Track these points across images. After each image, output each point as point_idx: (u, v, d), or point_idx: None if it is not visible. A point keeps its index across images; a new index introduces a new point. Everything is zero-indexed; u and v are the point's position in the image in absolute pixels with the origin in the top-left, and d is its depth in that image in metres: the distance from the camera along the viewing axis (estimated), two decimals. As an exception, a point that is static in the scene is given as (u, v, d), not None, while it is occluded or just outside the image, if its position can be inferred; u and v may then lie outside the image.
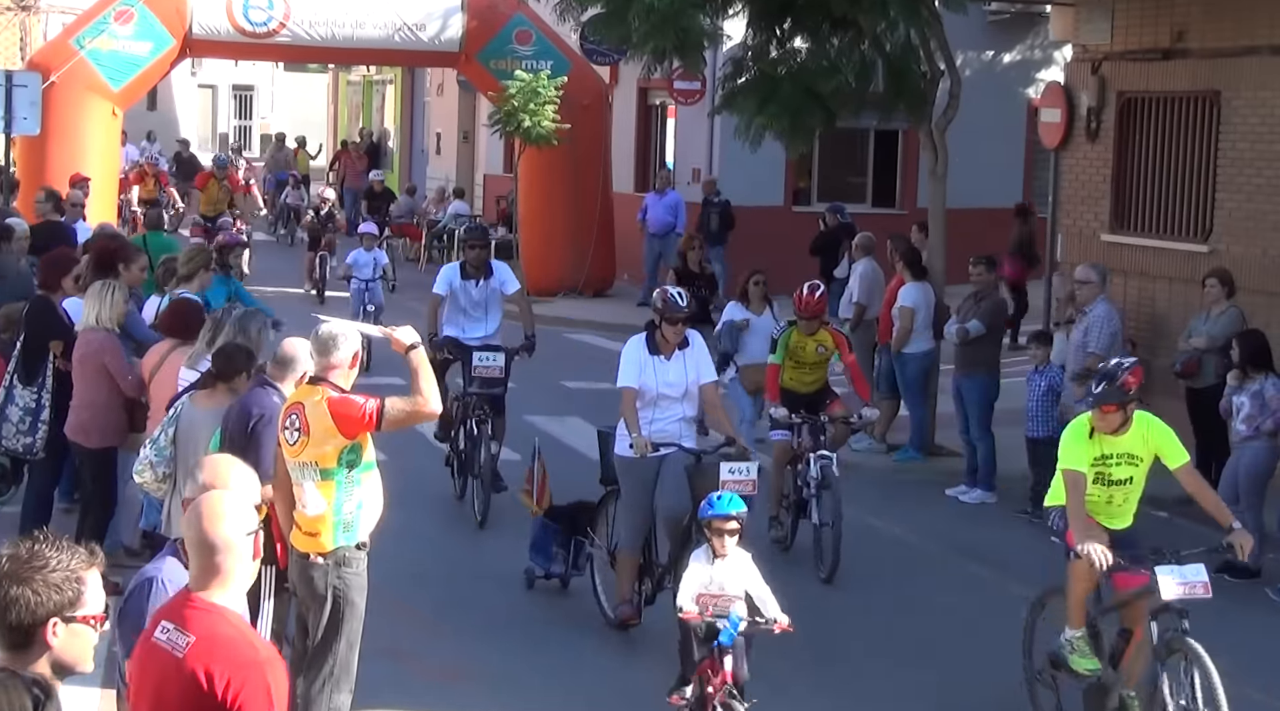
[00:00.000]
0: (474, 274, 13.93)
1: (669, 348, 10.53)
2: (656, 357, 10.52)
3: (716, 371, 11.26)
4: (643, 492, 10.40)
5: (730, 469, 9.98)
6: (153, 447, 9.10)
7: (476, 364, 13.42)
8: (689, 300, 10.63)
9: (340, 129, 48.84)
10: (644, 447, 10.10)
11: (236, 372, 8.90)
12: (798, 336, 13.01)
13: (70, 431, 11.16)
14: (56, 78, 24.80)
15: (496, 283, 14.01)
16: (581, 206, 26.72)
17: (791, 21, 16.99)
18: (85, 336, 11.04)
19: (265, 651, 4.77)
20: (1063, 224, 17.98)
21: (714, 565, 8.40)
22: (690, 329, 10.73)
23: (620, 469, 10.54)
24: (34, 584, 4.13)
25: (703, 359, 10.66)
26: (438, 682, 9.80)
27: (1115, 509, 8.86)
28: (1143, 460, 8.76)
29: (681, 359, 10.53)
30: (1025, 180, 27.45)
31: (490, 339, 13.88)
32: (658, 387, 10.47)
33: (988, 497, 14.79)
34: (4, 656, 4.18)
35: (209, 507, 4.86)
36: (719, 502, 8.48)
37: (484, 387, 13.47)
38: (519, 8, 27.34)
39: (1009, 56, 27.03)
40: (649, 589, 10.59)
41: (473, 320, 13.92)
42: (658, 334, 10.57)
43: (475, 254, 14.06)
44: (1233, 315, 14.05)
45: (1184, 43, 16.28)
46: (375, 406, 7.85)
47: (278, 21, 26.23)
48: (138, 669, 4.87)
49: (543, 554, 11.53)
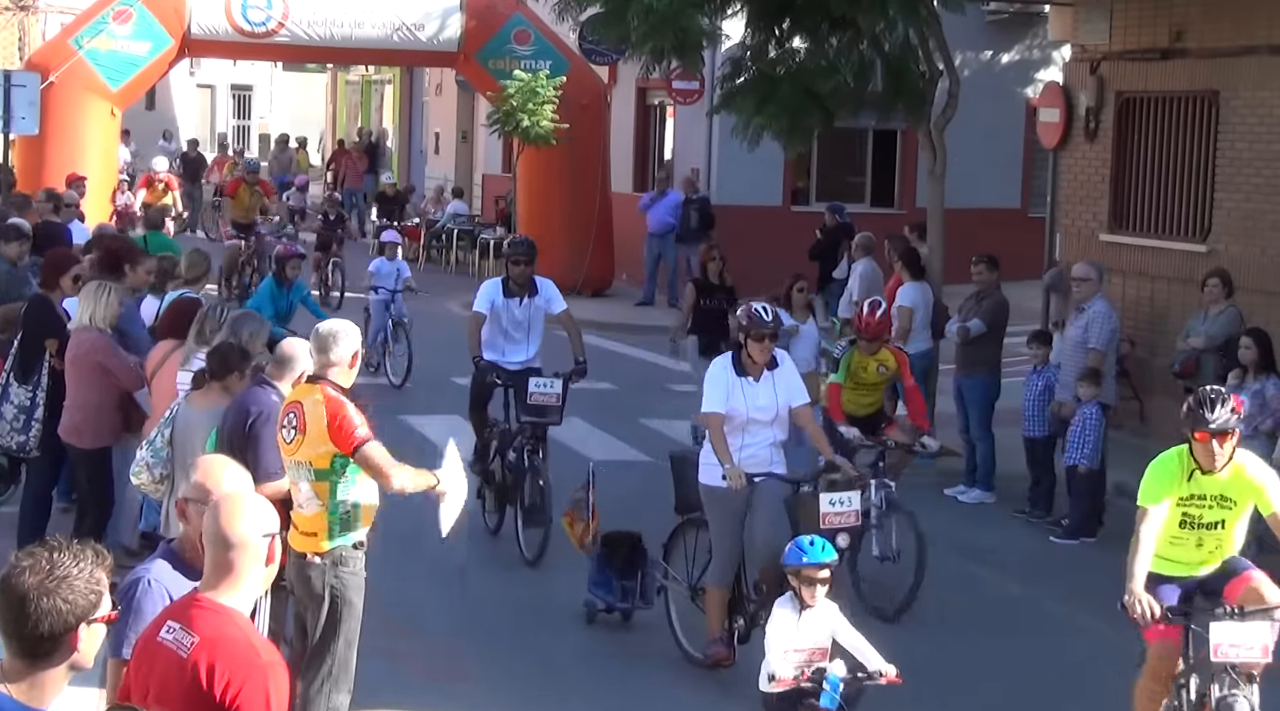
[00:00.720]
0: (517, 291, 12.84)
1: (757, 368, 9.79)
2: (744, 380, 9.77)
3: None
4: (734, 523, 9.69)
5: (831, 500, 9.43)
6: (149, 449, 9.09)
7: (533, 390, 12.26)
8: (774, 315, 9.89)
9: (339, 129, 48.84)
10: (738, 480, 9.39)
11: (229, 371, 8.88)
12: (858, 357, 12.40)
13: (64, 432, 11.13)
14: (55, 78, 24.81)
15: (542, 301, 12.94)
16: (580, 206, 26.73)
17: (790, 21, 16.99)
18: (78, 336, 11.01)
19: (268, 655, 4.78)
20: (1061, 224, 17.98)
21: (801, 616, 7.81)
22: (776, 348, 9.89)
23: (708, 499, 9.79)
24: (61, 593, 4.18)
25: (793, 379, 9.93)
26: (437, 683, 9.80)
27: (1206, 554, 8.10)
28: (1236, 504, 7.97)
29: (771, 380, 9.81)
30: (1024, 180, 27.47)
31: (531, 363, 12.87)
32: (748, 412, 9.74)
33: (986, 497, 14.79)
34: (22, 665, 4.20)
35: (229, 505, 4.89)
36: (811, 549, 7.80)
37: (539, 416, 12.36)
38: (518, 7, 27.35)
39: (1008, 56, 27.02)
40: (741, 626, 9.79)
41: (514, 342, 12.91)
42: (744, 354, 9.80)
43: (520, 270, 12.87)
44: (1231, 315, 14.05)
45: (1183, 43, 16.28)
46: (363, 439, 7.78)
47: (276, 21, 26.24)
48: (142, 668, 4.88)
49: (603, 586, 10.71)
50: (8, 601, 4.19)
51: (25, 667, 4.21)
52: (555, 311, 13.02)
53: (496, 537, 12.77)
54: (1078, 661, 10.41)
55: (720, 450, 9.53)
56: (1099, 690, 9.70)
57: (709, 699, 9.69)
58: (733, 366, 9.82)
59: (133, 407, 11.03)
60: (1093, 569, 12.28)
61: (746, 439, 9.73)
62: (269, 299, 15.93)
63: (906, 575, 11.10)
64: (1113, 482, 13.94)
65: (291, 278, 16.41)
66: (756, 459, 9.72)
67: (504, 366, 12.66)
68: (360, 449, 7.78)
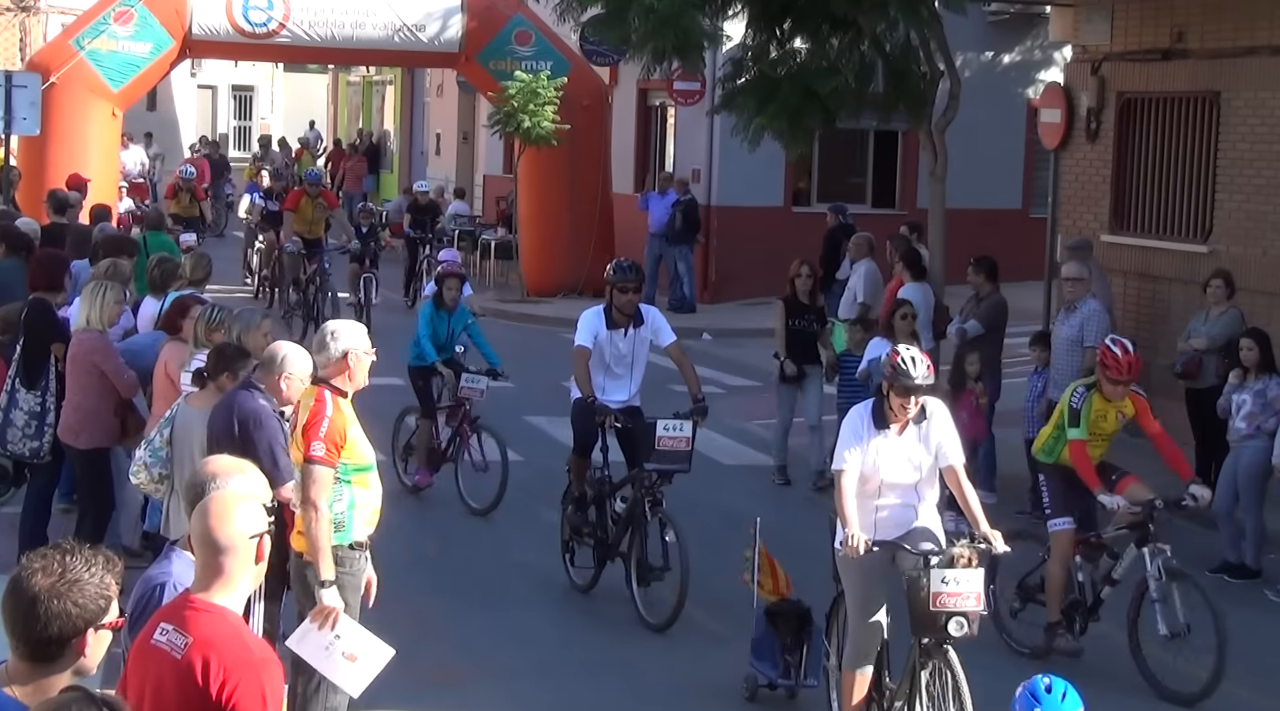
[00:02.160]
0: (622, 322, 11.52)
1: (901, 422, 8.38)
2: (882, 434, 8.37)
3: None
4: (865, 597, 8.43)
5: (944, 578, 7.97)
6: (148, 448, 9.08)
7: (662, 434, 10.87)
8: (926, 363, 8.32)
9: (340, 130, 48.85)
10: (860, 547, 8.11)
11: (221, 371, 8.86)
12: (1099, 403, 10.41)
13: (61, 432, 11.13)
14: (56, 78, 24.81)
15: (648, 332, 11.62)
16: (581, 207, 26.72)
17: (791, 22, 17.01)
18: (78, 337, 11.03)
19: (261, 653, 4.77)
20: (1062, 224, 17.97)
21: None
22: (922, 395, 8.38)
23: (841, 567, 8.55)
24: (73, 596, 4.19)
25: (947, 432, 8.45)
26: (437, 683, 9.79)
27: None
28: None
29: (917, 435, 8.40)
30: (1025, 181, 27.47)
31: (632, 401, 11.67)
32: (883, 473, 8.37)
33: (987, 498, 14.67)
34: (28, 667, 4.20)
35: (218, 506, 4.87)
36: (1048, 701, 6.04)
37: (669, 463, 10.95)
38: (519, 8, 27.35)
39: (1009, 57, 27.02)
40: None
41: (615, 378, 11.58)
42: (885, 405, 8.38)
43: (628, 299, 11.52)
44: (1232, 315, 14.04)
45: (1184, 43, 16.28)
46: (316, 456, 7.65)
47: (277, 22, 26.24)
48: (135, 671, 4.87)
49: (767, 660, 9.54)
50: (18, 603, 4.19)
51: (30, 670, 4.21)
52: (664, 344, 11.70)
53: (588, 596, 11.71)
54: (1078, 661, 10.38)
55: (844, 514, 8.24)
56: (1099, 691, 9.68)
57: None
58: (871, 418, 8.40)
59: (130, 412, 11.02)
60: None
61: (881, 501, 8.46)
62: (428, 325, 14.20)
63: (1204, 654, 9.75)
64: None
65: (451, 301, 14.27)
66: (894, 522, 8.46)
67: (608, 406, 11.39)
68: (306, 464, 7.72)
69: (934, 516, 8.59)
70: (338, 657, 7.45)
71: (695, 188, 26.40)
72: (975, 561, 8.03)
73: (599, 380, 11.46)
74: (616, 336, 11.51)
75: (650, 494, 10.99)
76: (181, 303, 11.02)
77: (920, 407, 8.30)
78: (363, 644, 7.49)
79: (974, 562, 8.03)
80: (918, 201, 24.34)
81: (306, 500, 7.69)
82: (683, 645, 10.60)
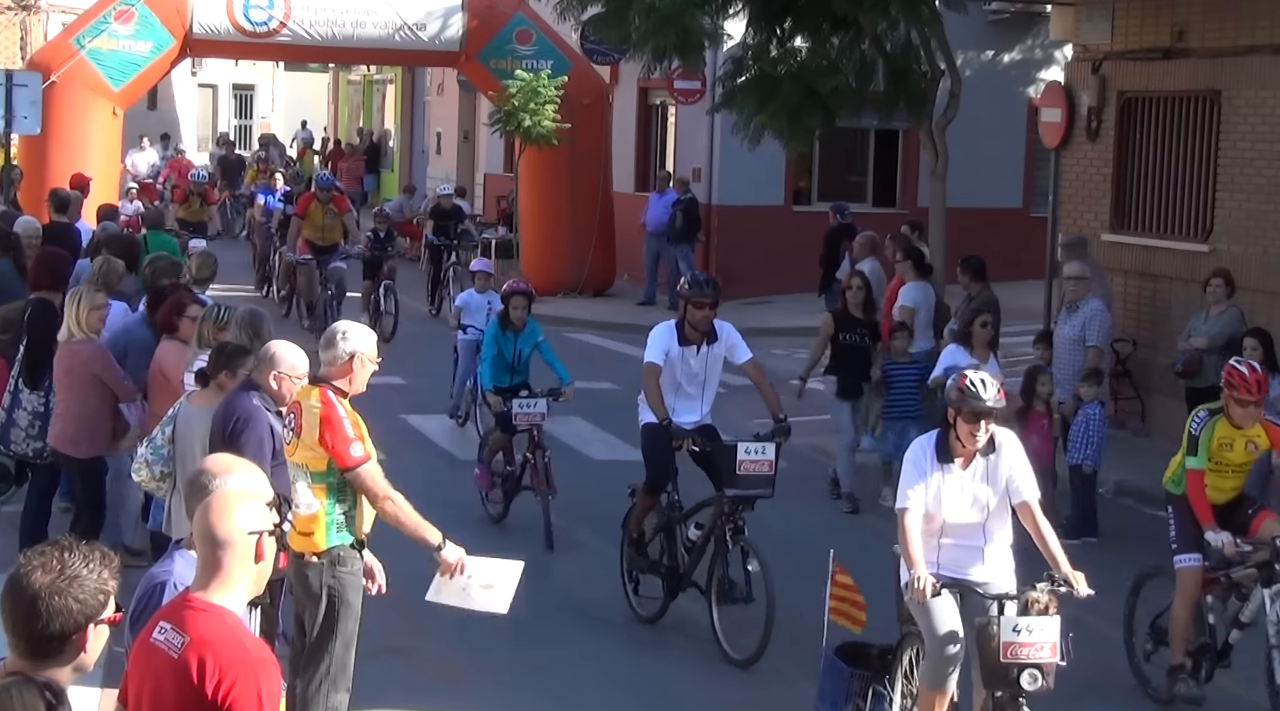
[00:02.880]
0: (695, 338, 10.79)
1: (968, 454, 7.86)
2: (945, 469, 7.84)
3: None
4: (946, 628, 7.84)
5: (1015, 627, 7.45)
6: (149, 446, 9.08)
7: (743, 457, 10.21)
8: (997, 385, 7.80)
9: (341, 129, 48.87)
10: (927, 590, 7.54)
11: (221, 369, 8.85)
12: (1224, 429, 9.43)
13: (57, 442, 11.04)
14: (57, 77, 24.81)
15: (722, 348, 10.90)
16: (582, 206, 26.73)
17: (792, 21, 17.02)
18: (71, 349, 10.86)
19: (258, 652, 4.76)
20: (1063, 223, 17.97)
21: None
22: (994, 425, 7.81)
23: (912, 609, 7.97)
24: (73, 592, 4.20)
25: (1019, 465, 7.90)
26: (437, 682, 9.79)
27: None
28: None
29: (984, 469, 7.86)
30: (1026, 180, 27.47)
31: (704, 421, 10.95)
32: (945, 512, 7.83)
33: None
34: (27, 663, 4.21)
35: (219, 502, 4.87)
36: None
37: (752, 488, 10.29)
38: (519, 7, 27.36)
39: (1009, 56, 27.03)
40: None
41: (686, 398, 10.88)
42: (951, 434, 7.82)
43: (704, 315, 10.74)
44: (1232, 315, 14.05)
45: (1184, 42, 16.28)
46: (357, 460, 7.71)
47: (278, 21, 26.24)
48: (135, 670, 4.87)
49: (834, 704, 8.58)
50: (18, 600, 4.20)
51: (31, 667, 4.21)
52: (740, 361, 10.92)
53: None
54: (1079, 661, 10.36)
55: (909, 554, 7.69)
56: (1101, 691, 9.69)
57: None
58: (936, 451, 7.85)
59: (117, 418, 11.01)
60: (1096, 567, 12.19)
61: (945, 539, 7.94)
62: (492, 345, 13.59)
63: None
64: (1113, 482, 13.92)
65: (519, 321, 13.55)
66: (955, 564, 7.93)
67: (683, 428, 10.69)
68: (354, 470, 7.74)
69: (1005, 558, 8.02)
70: (476, 591, 7.90)
71: (696, 187, 26.41)
72: (1053, 607, 7.47)
73: (669, 400, 10.72)
74: (689, 353, 10.80)
75: (731, 521, 10.30)
76: (178, 302, 11.00)
77: (989, 438, 7.78)
78: (494, 571, 7.92)
79: (1051, 609, 7.46)
80: (918, 200, 24.34)
81: (376, 498, 7.80)
82: (683, 645, 10.60)
